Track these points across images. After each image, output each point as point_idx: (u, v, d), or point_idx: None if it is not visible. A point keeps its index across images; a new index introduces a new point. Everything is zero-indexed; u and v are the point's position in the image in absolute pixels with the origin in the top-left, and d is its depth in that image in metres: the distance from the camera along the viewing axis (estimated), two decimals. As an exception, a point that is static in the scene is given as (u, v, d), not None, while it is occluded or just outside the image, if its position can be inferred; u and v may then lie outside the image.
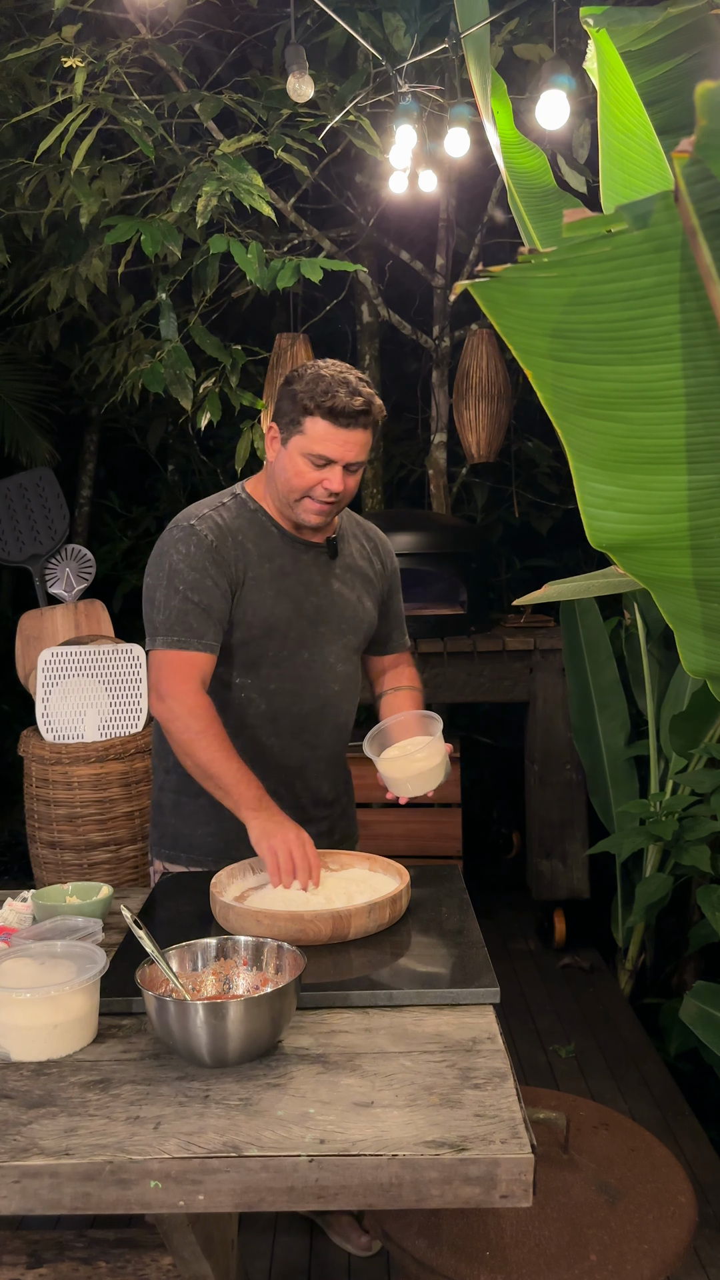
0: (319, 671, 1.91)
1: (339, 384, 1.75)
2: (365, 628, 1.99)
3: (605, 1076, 2.87)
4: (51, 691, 3.68)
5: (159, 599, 1.81)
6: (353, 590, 1.96)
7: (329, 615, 1.91)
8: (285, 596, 1.86)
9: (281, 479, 1.82)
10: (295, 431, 1.78)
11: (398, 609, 2.10)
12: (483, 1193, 1.01)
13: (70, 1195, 1.02)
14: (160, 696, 1.78)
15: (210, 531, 1.83)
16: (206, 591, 1.80)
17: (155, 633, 1.81)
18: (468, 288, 1.02)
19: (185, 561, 1.80)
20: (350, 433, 1.77)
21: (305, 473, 1.78)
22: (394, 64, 3.10)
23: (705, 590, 1.19)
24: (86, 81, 2.97)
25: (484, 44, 1.69)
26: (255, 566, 1.84)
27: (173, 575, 1.81)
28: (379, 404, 1.80)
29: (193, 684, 1.77)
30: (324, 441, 1.76)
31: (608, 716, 3.47)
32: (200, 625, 1.79)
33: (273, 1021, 1.17)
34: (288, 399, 1.79)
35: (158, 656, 1.81)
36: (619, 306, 0.98)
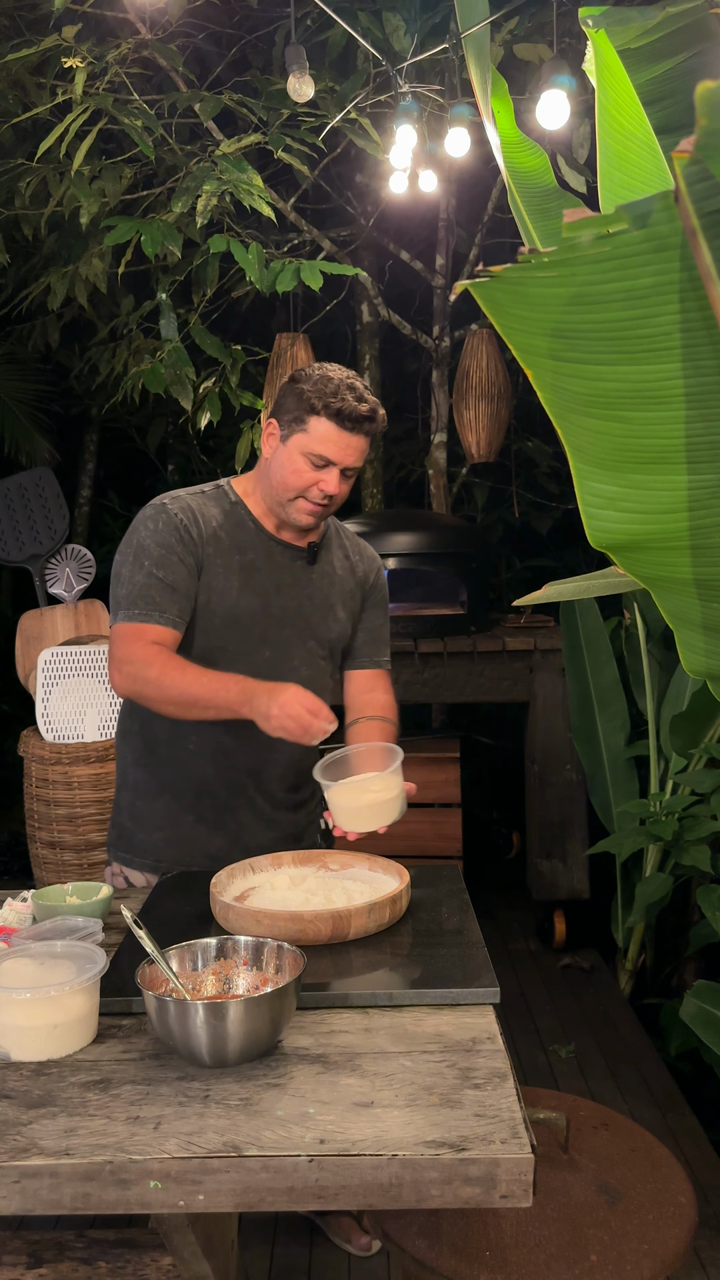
0: (280, 673, 1.85)
1: (346, 388, 1.75)
2: (334, 636, 1.95)
3: (605, 1076, 2.87)
4: (51, 691, 3.69)
5: (124, 574, 1.79)
6: (325, 597, 1.93)
7: (295, 619, 1.89)
8: (252, 591, 1.84)
9: (278, 476, 1.81)
10: (298, 429, 1.78)
11: (376, 626, 2.05)
12: (483, 1193, 1.01)
13: (70, 1195, 1.01)
14: (117, 664, 1.74)
15: (181, 512, 1.81)
16: (172, 568, 1.77)
17: (118, 606, 1.79)
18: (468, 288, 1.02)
19: (153, 538, 1.78)
20: (353, 437, 1.77)
21: (303, 472, 1.78)
22: (394, 64, 3.11)
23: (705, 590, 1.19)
24: (86, 82, 2.97)
25: (484, 44, 1.69)
26: (224, 554, 1.82)
27: (140, 551, 1.78)
28: (383, 414, 1.80)
29: (143, 643, 1.73)
30: (326, 442, 1.76)
31: (608, 716, 3.47)
32: (163, 600, 1.76)
33: (273, 1021, 1.17)
34: (293, 397, 1.79)
35: (117, 629, 1.78)
36: (619, 306, 0.98)
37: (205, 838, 1.88)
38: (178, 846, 1.89)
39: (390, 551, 3.56)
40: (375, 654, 2.06)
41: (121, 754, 1.97)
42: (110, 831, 1.99)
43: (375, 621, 2.05)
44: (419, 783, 1.79)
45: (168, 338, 3.45)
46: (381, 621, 2.07)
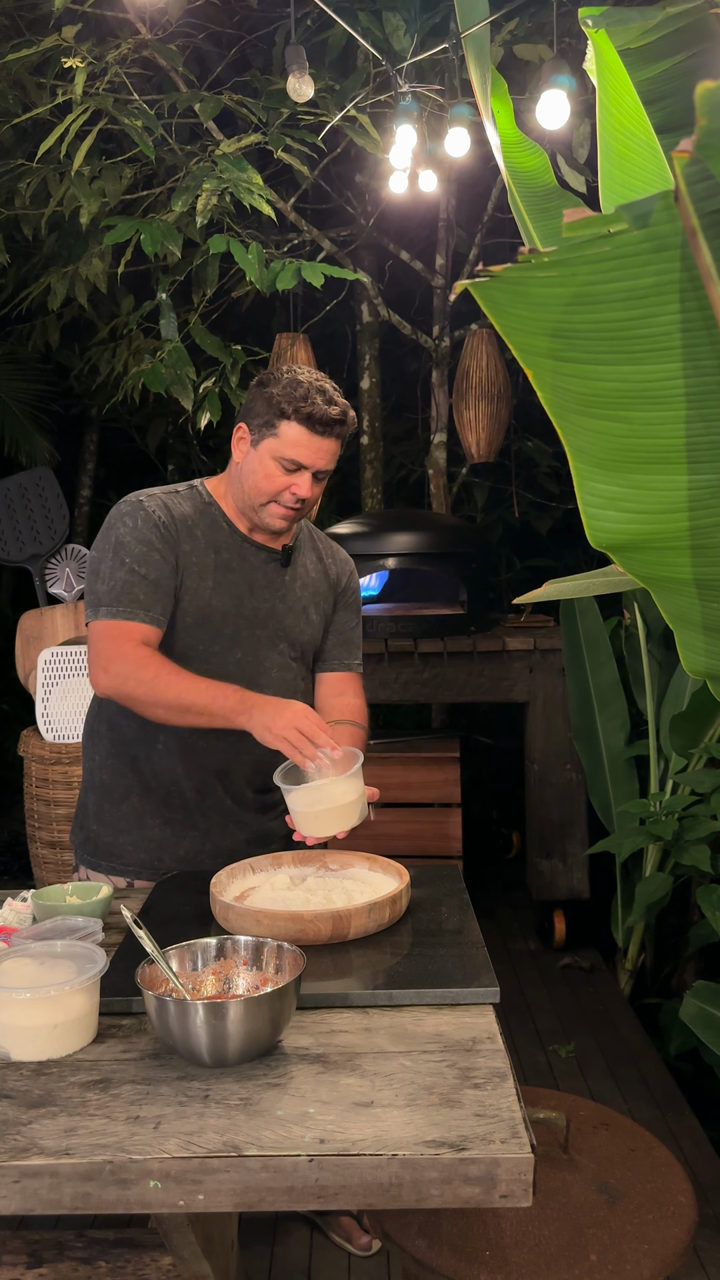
0: (251, 674, 1.84)
1: (316, 390, 1.74)
2: (307, 639, 1.94)
3: (605, 1076, 2.87)
4: (51, 691, 3.69)
5: (104, 570, 1.77)
6: (299, 600, 1.92)
7: (268, 620, 1.87)
8: (225, 591, 1.83)
9: (249, 481, 1.79)
10: (268, 434, 1.76)
11: (348, 628, 2.02)
12: (483, 1193, 1.01)
13: (70, 1195, 1.01)
14: (103, 666, 1.71)
15: (158, 509, 1.80)
16: (154, 565, 1.76)
17: (98, 603, 1.75)
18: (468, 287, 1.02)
19: (132, 534, 1.77)
20: (324, 440, 1.76)
21: (274, 476, 1.77)
22: (394, 64, 3.11)
23: (705, 590, 1.19)
24: (86, 82, 2.97)
25: (484, 44, 1.69)
26: (200, 554, 1.81)
27: (119, 548, 1.76)
28: (353, 415, 1.79)
29: (131, 644, 1.71)
30: (297, 446, 1.75)
31: (608, 716, 3.47)
32: (146, 597, 1.74)
33: (273, 1021, 1.17)
34: (262, 401, 1.77)
35: (98, 627, 1.75)
36: (619, 306, 0.98)
37: (173, 840, 1.87)
38: (145, 849, 1.88)
39: (390, 551, 3.56)
40: (346, 657, 2.02)
41: (89, 755, 1.95)
42: (75, 835, 1.97)
43: (347, 624, 2.03)
44: (419, 783, 1.79)
45: (168, 338, 3.45)
46: (354, 624, 2.04)
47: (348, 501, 4.90)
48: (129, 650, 1.71)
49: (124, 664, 1.70)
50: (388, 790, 1.85)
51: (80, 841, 1.95)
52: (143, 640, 1.73)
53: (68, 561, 4.11)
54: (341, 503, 4.98)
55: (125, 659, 1.70)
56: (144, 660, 1.70)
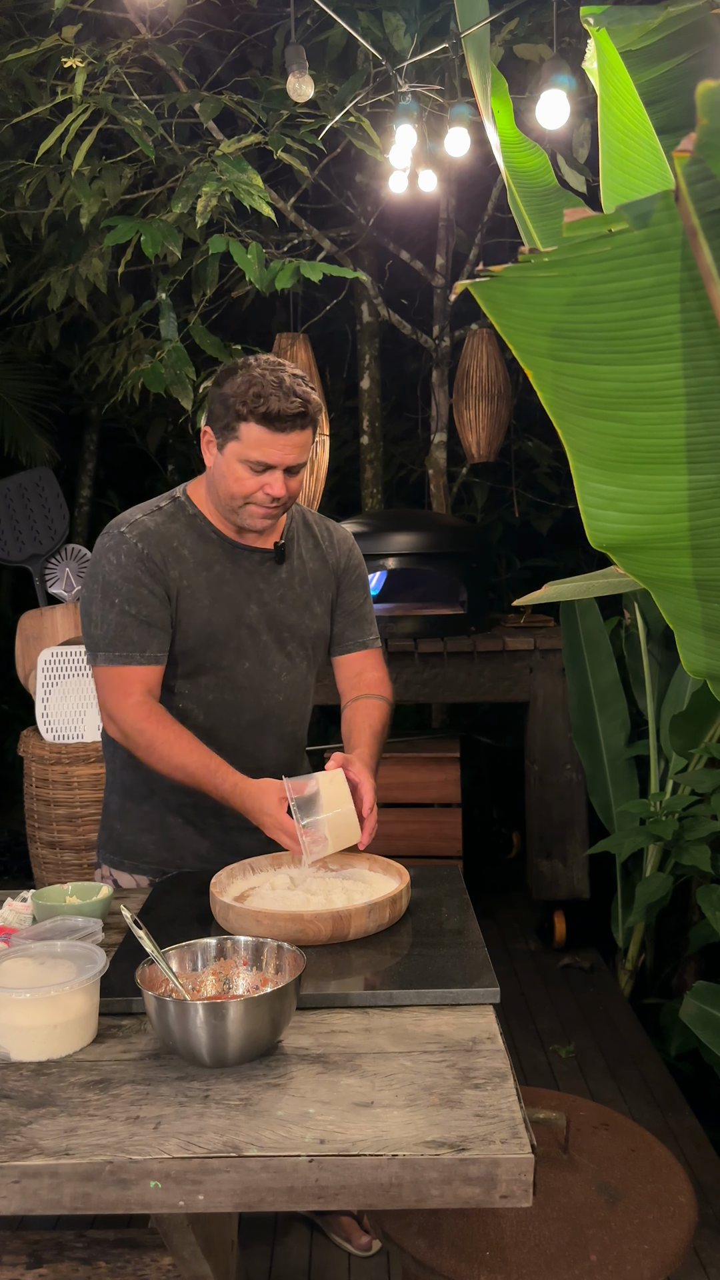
0: (261, 682, 1.84)
1: (273, 386, 1.66)
2: (314, 634, 1.92)
3: (605, 1076, 2.87)
4: (51, 691, 3.69)
5: (95, 613, 1.75)
6: (299, 596, 1.88)
7: (271, 623, 1.85)
8: (223, 605, 1.80)
9: (221, 486, 1.75)
10: (230, 438, 1.71)
11: (357, 605, 1.99)
12: (483, 1193, 1.01)
13: (70, 1195, 1.01)
14: (108, 716, 1.76)
15: (139, 539, 1.75)
16: (143, 601, 1.73)
17: (95, 648, 1.76)
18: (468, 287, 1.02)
19: (118, 572, 1.74)
20: (288, 436, 1.69)
21: (245, 479, 1.72)
22: (394, 64, 3.11)
23: (705, 590, 1.19)
24: (86, 82, 2.97)
25: (484, 44, 1.69)
26: (190, 574, 1.78)
27: (107, 588, 1.74)
28: (316, 400, 1.71)
29: (135, 697, 1.73)
30: (261, 447, 1.69)
31: (608, 716, 3.47)
32: (141, 638, 1.74)
33: (273, 1021, 1.17)
34: (219, 404, 1.71)
35: (100, 673, 1.76)
36: (619, 306, 0.98)
37: (194, 839, 1.88)
38: (166, 848, 1.88)
39: (390, 551, 3.56)
40: (360, 635, 2.00)
41: (110, 757, 1.96)
42: (100, 833, 1.99)
43: (355, 602, 1.99)
44: (419, 783, 1.79)
45: (168, 337, 3.45)
46: (362, 600, 2.00)
47: (348, 501, 4.90)
48: (129, 706, 1.73)
49: (124, 720, 1.73)
50: (388, 790, 1.86)
51: (104, 840, 1.97)
52: (144, 684, 1.74)
53: (68, 561, 4.11)
54: (341, 503, 4.99)
55: (126, 714, 1.73)
56: (142, 726, 1.72)
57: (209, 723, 1.83)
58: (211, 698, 1.83)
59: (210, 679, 1.82)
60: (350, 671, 2.01)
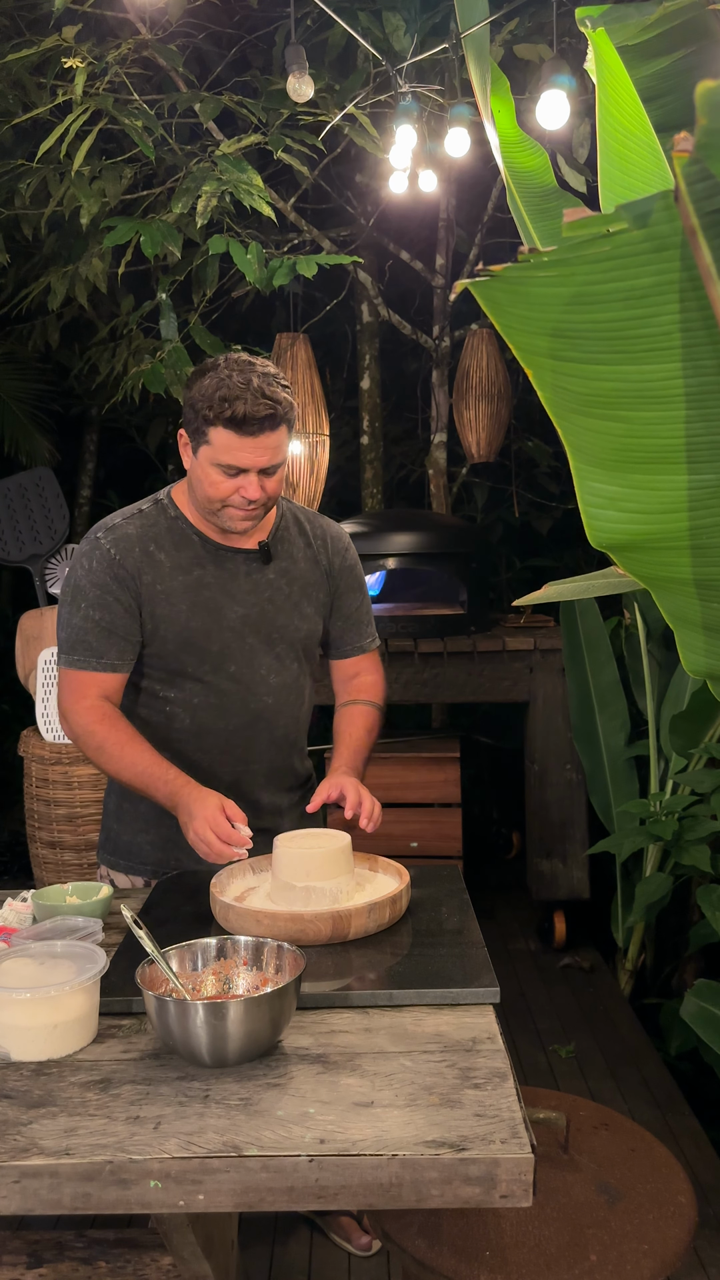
0: (248, 685, 1.83)
1: (240, 389, 1.62)
2: (303, 637, 1.89)
3: (605, 1076, 2.87)
4: (51, 691, 3.68)
5: (63, 615, 1.79)
6: (288, 597, 1.86)
7: (258, 626, 1.82)
8: (202, 609, 1.78)
9: (199, 490, 1.74)
10: (201, 442, 1.69)
11: (354, 608, 1.97)
12: (483, 1193, 1.01)
13: (70, 1195, 1.01)
14: (62, 716, 1.79)
15: (114, 545, 1.75)
16: (108, 608, 1.74)
17: (60, 649, 1.79)
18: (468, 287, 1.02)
19: (88, 577, 1.75)
20: (258, 439, 1.65)
21: (220, 483, 1.70)
22: (394, 64, 3.10)
23: (705, 590, 1.19)
24: (86, 82, 2.97)
25: (484, 44, 1.69)
26: (166, 579, 1.77)
27: (76, 592, 1.76)
28: (286, 399, 1.67)
29: (88, 700, 1.74)
30: (231, 451, 1.66)
31: (608, 716, 3.47)
32: (100, 644, 1.74)
33: (273, 1021, 1.17)
34: (189, 408, 1.69)
35: (60, 674, 1.80)
36: (619, 306, 0.98)
37: None
38: (163, 849, 1.88)
39: (390, 551, 3.56)
40: (358, 639, 1.99)
41: None
42: (100, 834, 1.99)
43: (353, 605, 1.97)
44: (419, 783, 1.79)
45: (168, 338, 3.45)
46: (359, 603, 1.98)
47: (348, 501, 4.90)
48: (82, 708, 1.75)
49: (76, 722, 1.76)
50: (388, 790, 1.85)
51: (102, 841, 1.97)
52: (100, 690, 1.76)
53: (68, 561, 4.11)
54: (341, 503, 4.98)
55: (79, 716, 1.75)
56: (92, 727, 1.74)
57: (195, 726, 1.82)
58: (197, 701, 1.82)
59: (194, 683, 1.81)
60: (345, 675, 2.01)
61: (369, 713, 1.94)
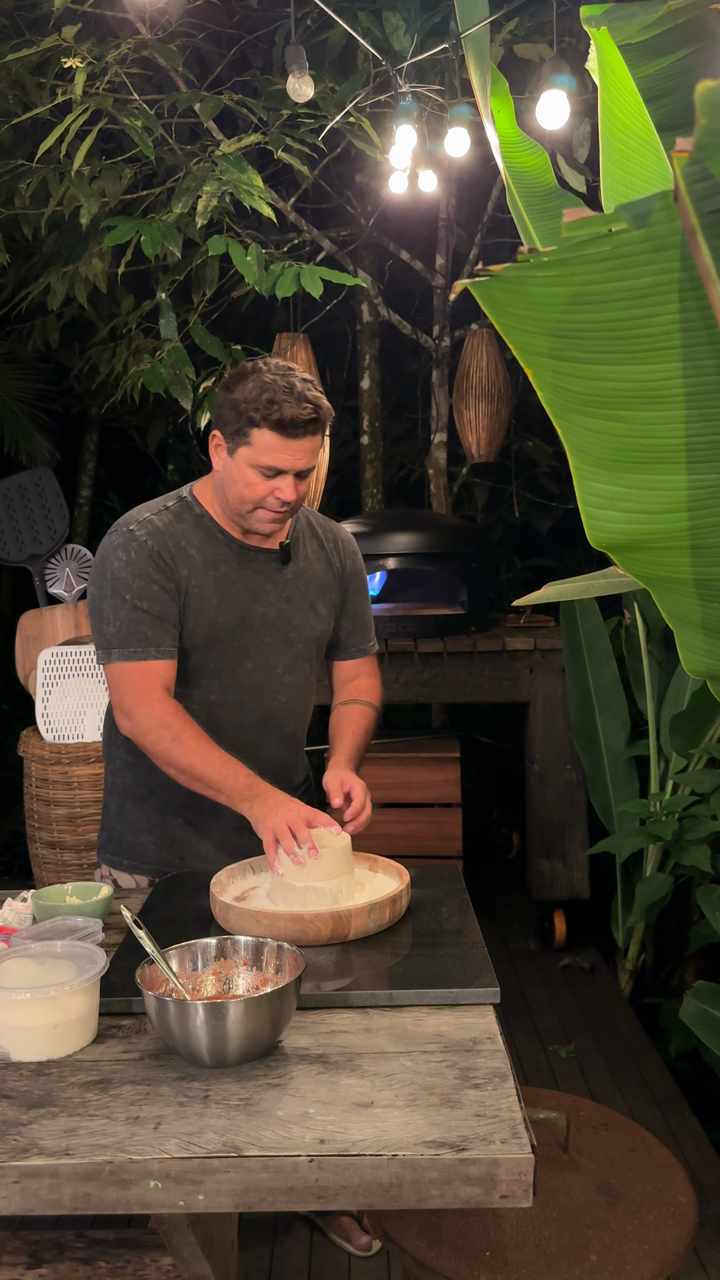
0: (264, 682, 1.84)
1: (284, 392, 1.67)
2: (317, 636, 1.92)
3: (605, 1076, 2.87)
4: (51, 691, 3.69)
5: (106, 610, 1.75)
6: (304, 597, 1.89)
7: (276, 624, 1.85)
8: (229, 605, 1.80)
9: (232, 491, 1.75)
10: (241, 443, 1.71)
11: (359, 611, 2.01)
12: (483, 1193, 1.01)
13: (70, 1195, 1.01)
14: (126, 713, 1.73)
15: (149, 536, 1.76)
16: (155, 597, 1.73)
17: (109, 645, 1.75)
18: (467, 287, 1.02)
19: (128, 569, 1.74)
20: (300, 441, 1.70)
21: (256, 484, 1.72)
22: (394, 64, 3.10)
23: (705, 590, 1.19)
24: (86, 82, 2.97)
25: (484, 44, 1.69)
26: (198, 574, 1.78)
27: (117, 584, 1.74)
28: (327, 406, 1.73)
29: (156, 694, 1.71)
30: (273, 453, 1.69)
31: (608, 716, 3.47)
32: (155, 633, 1.73)
33: (273, 1021, 1.17)
34: (230, 409, 1.71)
35: (115, 671, 1.74)
36: (618, 306, 0.98)
37: (193, 841, 1.88)
38: (166, 849, 1.88)
39: (390, 551, 3.56)
40: (362, 641, 2.03)
41: (110, 756, 1.95)
42: (100, 834, 1.98)
43: (358, 608, 2.01)
44: (419, 783, 1.79)
45: (168, 337, 3.45)
46: (364, 606, 2.03)
47: (348, 501, 4.90)
48: (152, 702, 1.71)
49: (146, 716, 1.71)
50: (388, 790, 1.86)
51: (104, 841, 1.96)
52: (162, 681, 1.73)
53: (68, 561, 4.11)
54: (341, 503, 4.98)
55: (149, 710, 1.71)
56: (167, 720, 1.69)
57: (210, 722, 1.82)
58: (214, 698, 1.83)
59: (213, 679, 1.82)
60: (345, 676, 2.03)
61: (368, 713, 1.96)
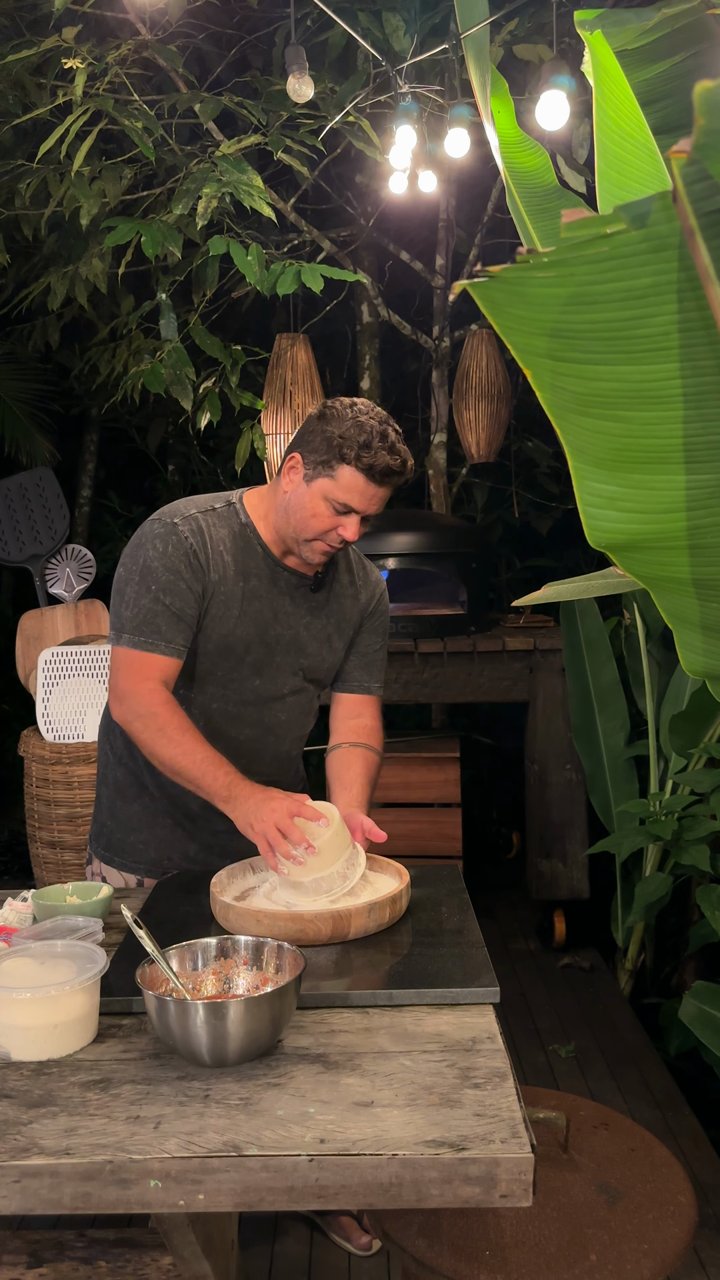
0: (267, 699, 1.85)
1: (379, 438, 1.69)
2: (327, 666, 1.93)
3: (605, 1076, 2.87)
4: (51, 691, 3.69)
5: (129, 594, 1.75)
6: (324, 628, 1.90)
7: (290, 648, 1.85)
8: (250, 619, 1.80)
9: (298, 516, 1.75)
10: (324, 474, 1.72)
11: (372, 651, 2.00)
12: (483, 1193, 1.01)
13: (70, 1195, 1.02)
14: (119, 697, 1.73)
15: (192, 534, 1.76)
16: (179, 594, 1.73)
17: (121, 628, 1.75)
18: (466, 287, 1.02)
19: (160, 560, 1.74)
20: (380, 489, 1.72)
21: (324, 516, 1.73)
22: (394, 64, 3.10)
23: (704, 590, 1.19)
24: (86, 82, 2.97)
25: (484, 44, 1.69)
26: (229, 580, 1.78)
27: (146, 572, 1.74)
28: (412, 462, 1.75)
29: (151, 683, 1.71)
30: (352, 492, 1.71)
31: (608, 716, 3.47)
32: (169, 629, 1.73)
33: (273, 1021, 1.17)
34: (322, 439, 1.72)
35: (120, 654, 1.75)
36: (617, 306, 0.98)
37: (184, 841, 1.88)
38: (156, 848, 1.88)
39: (390, 551, 3.56)
40: (367, 680, 2.01)
41: (103, 751, 1.95)
42: (92, 825, 1.98)
43: (372, 646, 2.00)
44: (419, 783, 1.79)
45: (168, 338, 3.45)
46: (378, 647, 2.02)
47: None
48: (145, 690, 1.71)
49: (137, 704, 1.71)
50: (388, 790, 1.86)
51: (95, 834, 1.97)
52: (162, 674, 1.73)
53: (68, 561, 4.11)
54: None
55: (140, 699, 1.71)
56: (156, 709, 1.69)
57: (208, 730, 1.82)
58: (215, 706, 1.83)
59: (218, 687, 1.82)
60: (347, 712, 1.99)
61: (375, 761, 1.93)
